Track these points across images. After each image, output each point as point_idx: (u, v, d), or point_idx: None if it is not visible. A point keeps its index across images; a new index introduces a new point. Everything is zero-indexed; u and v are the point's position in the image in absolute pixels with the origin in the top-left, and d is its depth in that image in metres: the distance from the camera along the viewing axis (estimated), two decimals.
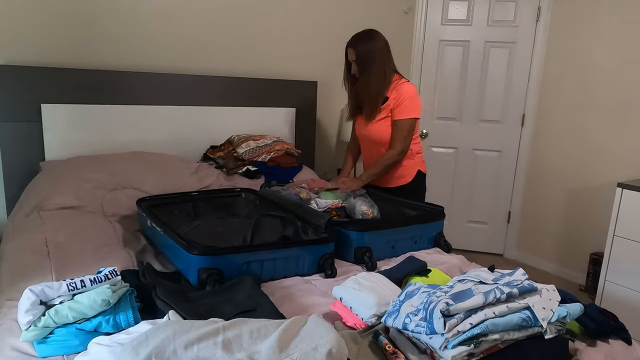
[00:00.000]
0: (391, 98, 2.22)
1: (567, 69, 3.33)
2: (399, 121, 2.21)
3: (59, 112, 2.29)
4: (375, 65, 2.18)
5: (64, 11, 2.31)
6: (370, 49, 2.17)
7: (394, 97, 2.21)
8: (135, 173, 2.21)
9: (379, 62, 2.18)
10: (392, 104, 2.22)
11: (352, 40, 2.21)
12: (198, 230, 1.76)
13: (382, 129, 2.27)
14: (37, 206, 1.94)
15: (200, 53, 2.75)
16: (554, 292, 1.14)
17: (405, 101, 2.19)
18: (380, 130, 2.27)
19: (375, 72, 2.19)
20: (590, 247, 3.26)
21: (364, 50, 2.17)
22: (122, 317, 1.12)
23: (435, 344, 1.00)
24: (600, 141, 3.18)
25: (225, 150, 2.62)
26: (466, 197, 3.80)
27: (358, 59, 2.19)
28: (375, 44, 2.18)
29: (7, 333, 1.13)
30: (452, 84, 3.65)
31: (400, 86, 2.22)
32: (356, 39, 2.20)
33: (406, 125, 2.21)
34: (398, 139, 2.23)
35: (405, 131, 2.22)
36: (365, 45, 2.17)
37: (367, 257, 1.68)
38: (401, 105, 2.20)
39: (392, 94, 2.22)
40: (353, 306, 1.25)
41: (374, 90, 2.21)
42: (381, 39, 2.20)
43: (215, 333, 0.93)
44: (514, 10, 3.47)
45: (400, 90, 2.21)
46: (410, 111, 2.21)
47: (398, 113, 2.21)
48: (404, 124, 2.21)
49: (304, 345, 0.91)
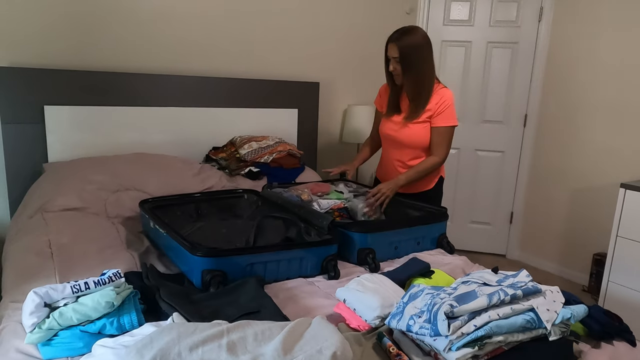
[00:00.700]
0: (432, 102, 2.13)
1: (570, 69, 3.33)
2: (442, 128, 2.13)
3: (62, 113, 2.29)
4: (424, 64, 2.09)
5: (66, 13, 2.31)
6: (417, 46, 2.06)
7: (435, 102, 2.12)
8: (138, 175, 2.21)
9: (427, 61, 2.10)
10: (434, 109, 2.13)
11: (395, 35, 2.07)
12: (201, 232, 1.77)
13: (416, 133, 2.17)
14: (41, 208, 1.94)
15: (202, 55, 2.75)
16: (558, 293, 1.13)
17: (449, 108, 2.12)
18: (414, 133, 2.17)
19: (426, 71, 2.10)
20: (594, 248, 3.25)
21: (409, 46, 2.04)
22: (126, 319, 1.12)
23: (439, 346, 1.00)
24: (603, 141, 3.18)
25: (228, 151, 2.63)
26: (469, 198, 3.80)
27: (402, 57, 2.05)
28: (421, 42, 2.07)
29: (12, 335, 1.13)
30: (455, 85, 3.65)
31: (442, 91, 2.14)
32: (400, 35, 2.06)
33: (450, 133, 2.16)
34: (442, 146, 2.15)
35: (448, 139, 2.16)
36: (411, 41, 2.05)
37: (370, 259, 1.68)
38: (445, 112, 2.12)
39: (433, 98, 2.13)
40: (357, 308, 1.25)
41: (425, 89, 2.12)
42: (425, 37, 2.09)
43: (220, 335, 0.93)
44: (516, 11, 3.47)
45: (443, 95, 2.13)
46: (453, 119, 2.15)
47: (442, 120, 2.13)
48: (448, 131, 2.14)
49: (309, 347, 0.91)
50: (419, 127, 2.16)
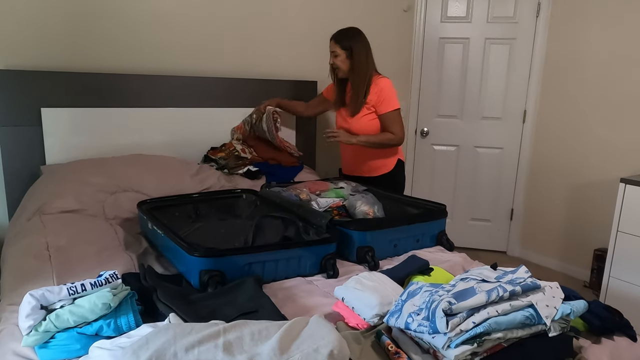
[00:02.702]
0: (372, 93, 2.35)
1: (568, 64, 3.32)
2: (388, 113, 2.36)
3: (59, 115, 2.29)
4: (358, 60, 2.33)
5: (62, 15, 2.31)
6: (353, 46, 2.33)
7: (375, 92, 2.35)
8: (136, 176, 2.20)
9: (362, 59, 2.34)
10: (374, 100, 2.34)
11: (335, 34, 2.38)
12: (199, 232, 1.76)
13: (364, 122, 2.39)
14: (39, 210, 1.94)
15: (199, 55, 2.75)
16: (557, 289, 1.13)
17: (387, 95, 2.34)
18: (363, 123, 2.40)
19: (359, 67, 2.34)
20: (594, 243, 3.24)
21: (347, 46, 2.34)
22: (123, 321, 1.12)
23: (438, 343, 1.00)
24: (603, 136, 3.17)
25: (226, 150, 2.62)
26: (468, 195, 3.79)
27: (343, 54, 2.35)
28: (358, 41, 2.34)
29: (9, 338, 1.12)
30: (453, 82, 3.64)
31: (379, 81, 2.36)
32: (339, 34, 2.36)
33: (397, 115, 2.38)
34: (394, 126, 2.37)
35: (398, 120, 2.37)
36: (349, 41, 2.34)
37: (369, 257, 1.67)
38: (385, 100, 2.34)
39: (372, 89, 2.35)
40: (355, 306, 1.24)
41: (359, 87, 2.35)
42: (362, 36, 2.36)
43: (216, 335, 0.93)
44: (513, 7, 3.46)
45: (379, 84, 2.35)
46: (395, 103, 2.37)
47: (384, 107, 2.35)
48: (394, 114, 2.37)
49: (305, 346, 0.90)
50: (366, 118, 2.39)
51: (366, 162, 2.51)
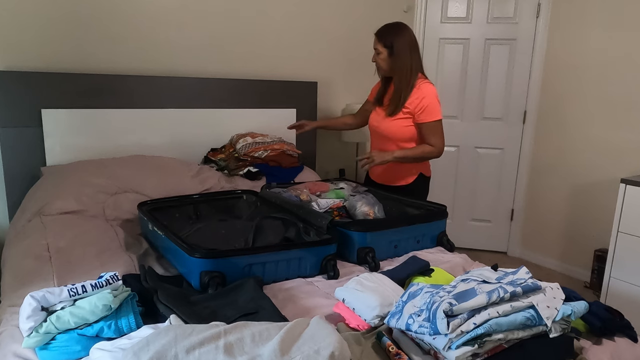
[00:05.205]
0: (413, 98, 2.16)
1: (568, 65, 3.32)
2: (429, 123, 2.17)
3: (60, 117, 2.29)
4: (400, 60, 2.15)
5: (62, 16, 2.31)
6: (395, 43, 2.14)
7: (415, 97, 2.16)
8: (137, 177, 2.20)
9: (404, 57, 2.15)
10: (414, 106, 2.16)
11: (379, 30, 2.20)
12: (200, 233, 1.76)
13: (395, 125, 2.22)
14: (39, 211, 1.94)
15: (200, 55, 2.75)
16: (558, 290, 1.13)
17: (430, 104, 2.15)
18: (394, 126, 2.23)
19: (401, 67, 2.16)
20: (595, 244, 3.24)
21: (389, 43, 2.15)
22: (124, 322, 1.12)
23: (438, 344, 1.00)
24: (603, 137, 3.17)
25: (227, 152, 2.62)
26: (469, 196, 3.79)
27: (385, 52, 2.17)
28: (400, 37, 2.15)
29: (9, 339, 1.13)
30: (453, 82, 3.64)
31: (424, 86, 2.17)
32: (382, 30, 2.19)
33: (438, 126, 2.19)
34: (434, 137, 2.18)
35: (439, 130, 2.19)
36: (391, 38, 2.15)
37: (370, 258, 1.67)
38: (427, 109, 2.15)
39: (414, 93, 2.17)
40: (356, 307, 1.24)
41: (402, 88, 2.18)
42: (407, 33, 2.17)
43: (217, 337, 0.93)
44: (513, 7, 3.46)
45: (424, 91, 2.16)
46: (437, 113, 2.18)
47: (425, 116, 2.16)
48: (435, 125, 2.18)
49: (306, 348, 0.90)
50: (399, 121, 2.22)
51: (385, 171, 2.37)
